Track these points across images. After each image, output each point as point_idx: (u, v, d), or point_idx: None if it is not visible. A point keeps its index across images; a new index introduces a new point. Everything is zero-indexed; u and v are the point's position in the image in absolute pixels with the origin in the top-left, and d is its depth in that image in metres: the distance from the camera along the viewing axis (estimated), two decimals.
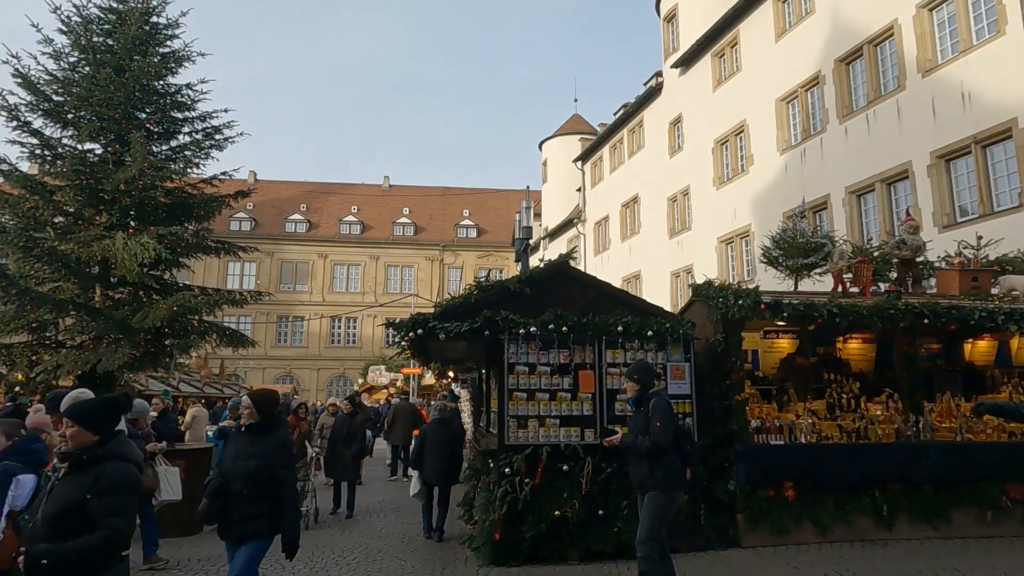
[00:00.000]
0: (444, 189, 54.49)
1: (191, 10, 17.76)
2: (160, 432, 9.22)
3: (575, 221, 34.49)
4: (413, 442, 17.46)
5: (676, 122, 25.42)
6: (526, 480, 6.81)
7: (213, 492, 4.22)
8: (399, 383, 30.58)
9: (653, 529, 5.13)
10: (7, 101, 14.48)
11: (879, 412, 7.85)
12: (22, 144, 14.94)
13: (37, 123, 14.97)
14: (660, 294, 24.14)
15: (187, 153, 16.16)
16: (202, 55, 16.57)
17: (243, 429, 4.44)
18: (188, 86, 16.27)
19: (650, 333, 7.21)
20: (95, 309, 14.21)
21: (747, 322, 7.80)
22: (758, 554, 6.93)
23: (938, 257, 9.87)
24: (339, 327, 47.86)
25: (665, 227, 25.85)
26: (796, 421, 7.60)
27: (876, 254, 9.65)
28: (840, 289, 8.44)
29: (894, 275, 9.22)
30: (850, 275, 8.60)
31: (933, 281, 9.49)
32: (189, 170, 16.20)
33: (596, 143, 33.03)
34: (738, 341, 7.76)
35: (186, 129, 16.53)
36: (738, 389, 7.50)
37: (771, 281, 10.14)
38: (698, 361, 7.53)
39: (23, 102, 14.72)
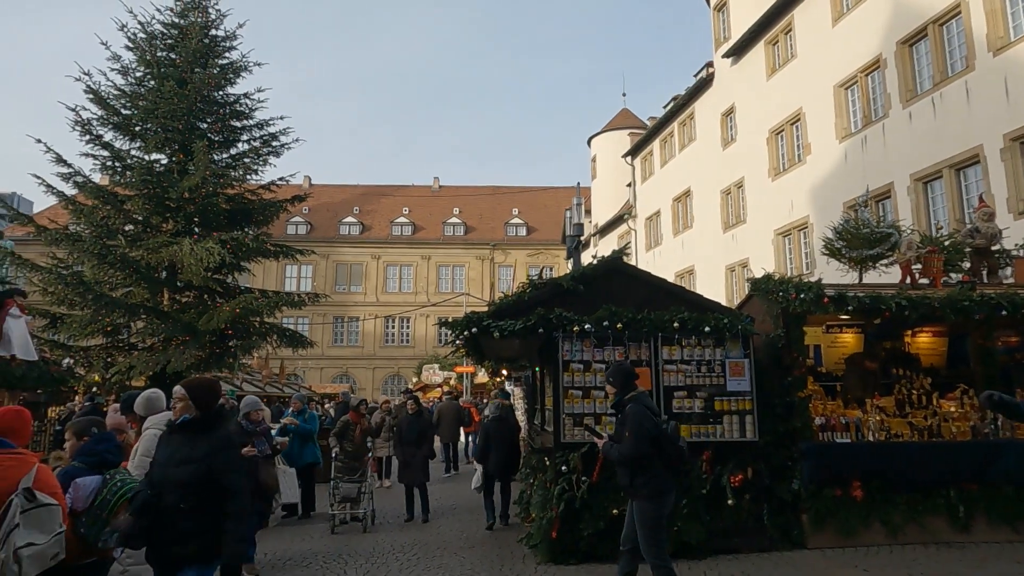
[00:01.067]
0: (493, 188, 54.71)
1: (247, 21, 18.35)
2: None
3: (625, 217, 34.12)
4: (469, 440, 17.94)
5: (728, 113, 24.85)
6: (583, 478, 6.77)
7: (139, 508, 3.45)
8: (452, 381, 30.89)
9: (651, 538, 4.98)
10: (81, 116, 15.29)
11: (953, 409, 7.50)
12: (95, 157, 15.75)
13: (108, 136, 15.78)
14: (715, 289, 23.63)
15: (246, 160, 16.74)
16: (258, 65, 17.14)
17: (177, 426, 3.73)
18: (246, 95, 16.84)
19: (707, 329, 7.07)
20: (164, 312, 14.86)
21: (809, 316, 7.55)
22: (825, 556, 6.72)
23: (1016, 245, 9.35)
24: (393, 327, 48.65)
25: (719, 220, 25.31)
26: (863, 418, 7.33)
27: (947, 243, 9.21)
28: (909, 281, 8.09)
29: (967, 265, 8.78)
30: (919, 266, 8.24)
31: (1010, 271, 9.00)
32: (248, 176, 16.78)
33: (646, 137, 32.59)
34: (800, 336, 7.52)
35: (244, 137, 17.11)
36: (800, 385, 7.28)
37: (833, 274, 9.79)
38: (758, 357, 7.34)
39: (95, 117, 15.51)
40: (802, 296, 7.13)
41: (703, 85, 26.58)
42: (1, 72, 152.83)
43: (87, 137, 15.44)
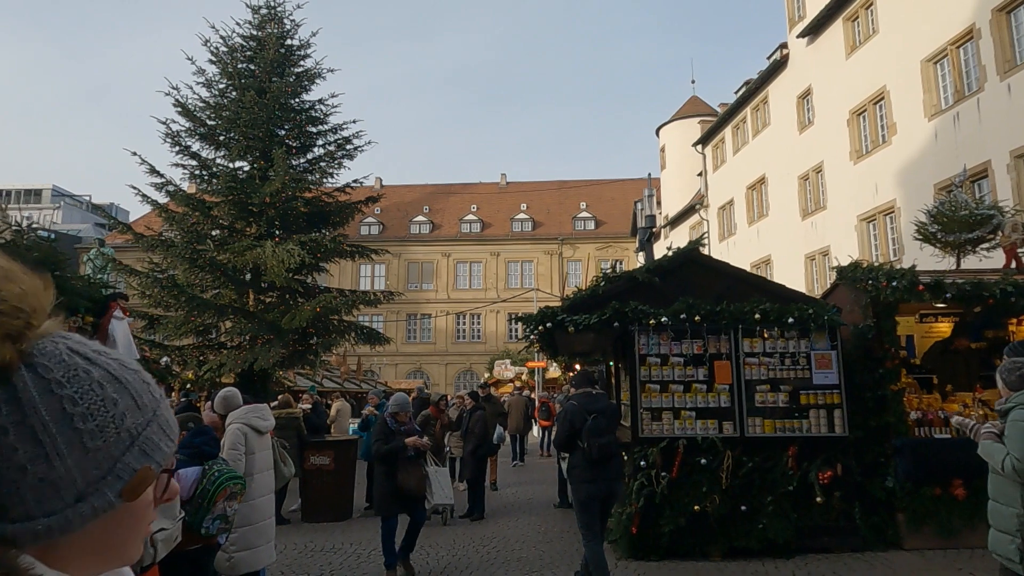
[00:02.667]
0: (560, 183, 54.47)
1: (320, 30, 18.96)
2: (313, 425, 9.92)
3: (697, 207, 33.30)
4: (546, 433, 18.07)
5: (805, 95, 23.82)
6: (662, 473, 6.68)
7: None
8: (524, 376, 31.03)
9: (577, 517, 5.69)
10: (171, 129, 16.20)
11: None
12: (184, 166, 16.66)
13: (195, 146, 16.65)
14: (793, 279, 22.73)
15: (322, 164, 17.31)
16: (331, 71, 17.66)
17: None
18: (320, 101, 17.40)
19: (791, 320, 6.82)
20: (249, 312, 15.57)
21: (901, 305, 7.17)
22: (924, 557, 6.37)
23: None
24: (464, 323, 49.25)
25: (796, 208, 24.33)
26: (964, 412, 6.90)
27: None
28: (1014, 265, 7.54)
29: None
30: None
31: None
32: (324, 180, 17.35)
33: (717, 124, 31.68)
34: (891, 326, 7.15)
35: (320, 142, 17.69)
36: (893, 378, 6.93)
37: (926, 259, 9.25)
38: (846, 348, 7.04)
39: (183, 128, 16.40)
40: (894, 284, 6.77)
41: (777, 68, 25.59)
42: (101, 92, 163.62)
43: (177, 148, 16.36)
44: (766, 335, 6.95)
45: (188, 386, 15.31)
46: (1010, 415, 3.45)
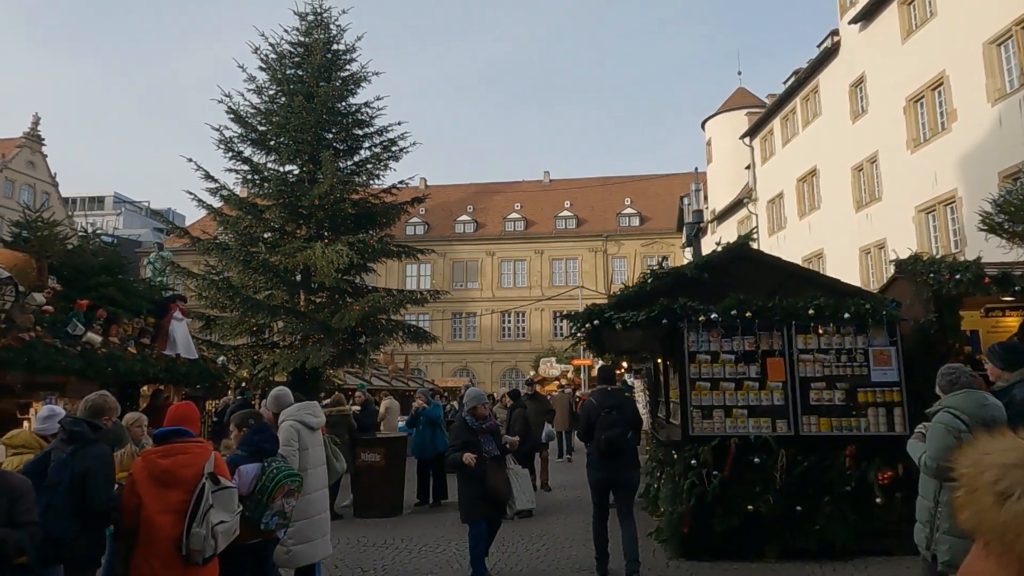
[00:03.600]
0: (604, 179, 54.11)
1: (364, 34, 19.29)
2: (362, 423, 10.11)
3: (745, 201, 32.60)
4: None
5: (858, 83, 23.06)
6: (714, 472, 6.57)
7: None
8: (570, 374, 30.95)
9: (592, 496, 6.48)
10: (224, 135, 16.72)
11: None
12: (236, 171, 17.19)
13: (247, 152, 17.15)
14: (848, 273, 22.05)
15: (368, 166, 17.62)
16: (376, 74, 17.95)
17: None
18: (366, 104, 17.71)
19: (847, 315, 6.62)
20: (301, 312, 15.97)
21: (965, 299, 6.88)
22: None
23: None
24: (509, 321, 49.41)
25: (850, 200, 23.58)
26: None
27: None
28: None
29: None
30: None
31: None
32: (371, 181, 17.65)
33: (765, 116, 30.94)
34: (955, 321, 6.86)
35: (366, 144, 18.01)
36: None
37: (992, 251, 8.85)
38: (906, 345, 6.78)
39: (235, 134, 16.91)
40: (958, 277, 6.50)
41: (828, 55, 24.85)
42: (158, 102, 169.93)
43: (230, 154, 16.89)
44: (821, 331, 6.76)
45: (243, 384, 15.80)
46: (934, 417, 3.90)
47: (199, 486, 3.47)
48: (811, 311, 6.67)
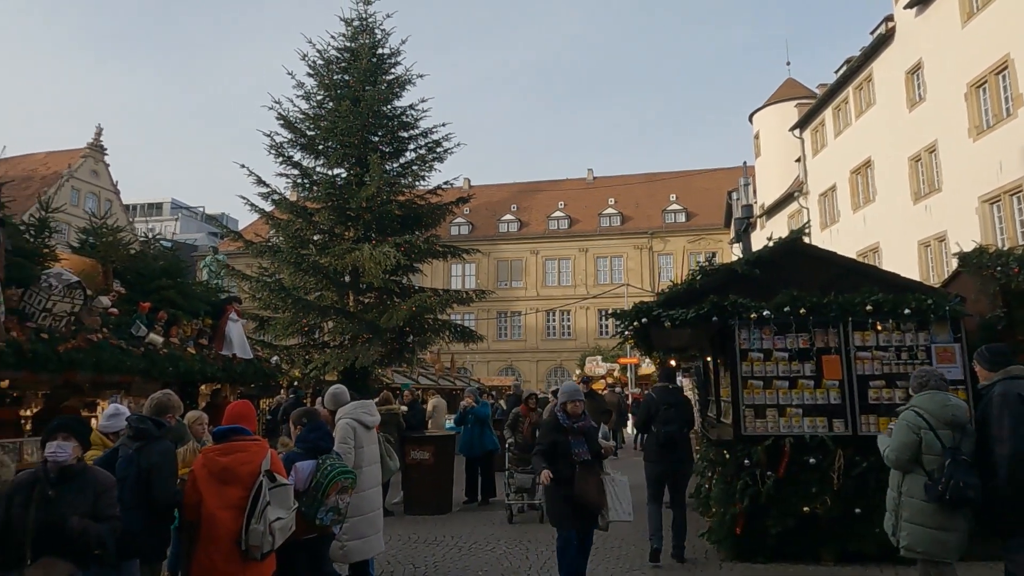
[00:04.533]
0: (648, 176, 53.46)
1: (409, 37, 19.54)
2: (410, 421, 10.23)
3: (796, 195, 31.75)
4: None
5: (914, 70, 22.19)
6: (768, 473, 6.43)
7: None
8: (616, 373, 30.69)
9: (647, 486, 6.93)
10: (274, 140, 17.17)
11: None
12: (287, 176, 17.63)
13: (297, 156, 17.56)
14: (905, 268, 21.21)
15: (414, 168, 17.84)
16: (420, 76, 18.14)
17: None
18: (411, 107, 17.94)
19: (907, 311, 6.38)
20: (350, 313, 16.28)
21: None
22: None
23: None
24: (554, 320, 49.30)
25: (907, 191, 22.72)
26: None
27: None
28: None
29: None
30: None
31: None
32: (416, 183, 17.86)
33: (816, 107, 30.07)
34: None
35: (411, 146, 18.24)
36: None
37: None
38: (971, 341, 6.49)
39: (285, 140, 17.35)
40: None
41: (882, 42, 23.98)
42: (212, 110, 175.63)
43: (280, 159, 17.33)
44: (879, 328, 6.54)
45: (295, 383, 16.20)
46: (900, 414, 4.39)
47: (256, 483, 3.58)
48: (869, 307, 6.46)
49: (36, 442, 7.29)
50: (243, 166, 16.94)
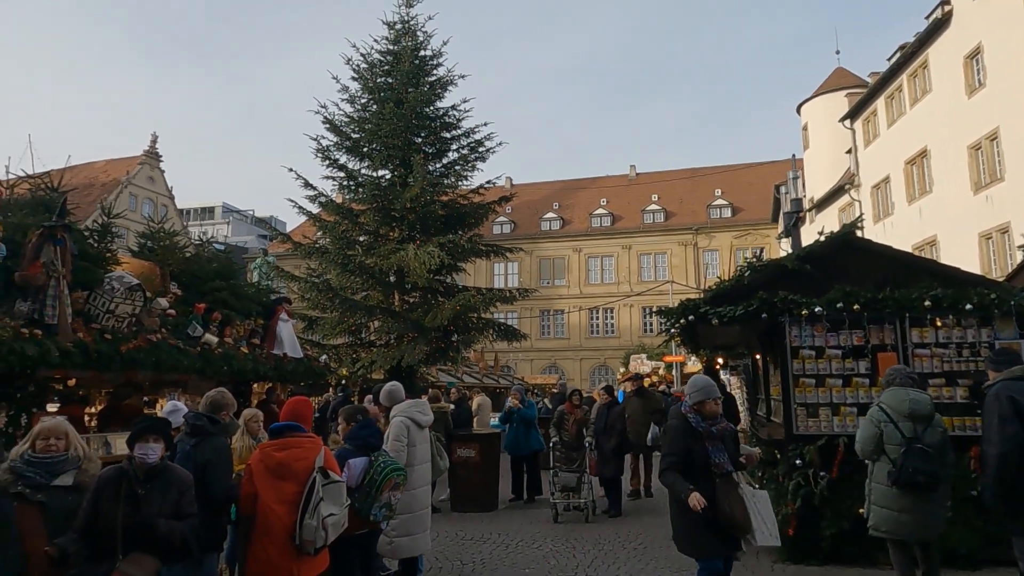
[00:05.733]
0: (692, 171, 52.61)
1: (451, 38, 19.69)
2: (456, 419, 10.31)
3: (847, 187, 30.80)
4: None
5: (973, 55, 21.27)
6: (821, 473, 6.28)
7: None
8: (661, 371, 30.33)
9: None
10: (321, 144, 17.52)
11: None
12: (333, 178, 17.98)
13: (342, 159, 17.88)
14: (966, 261, 20.35)
15: (457, 168, 17.97)
16: (462, 77, 18.25)
17: None
18: (453, 107, 18.07)
19: (969, 307, 6.14)
20: (395, 312, 16.51)
21: None
22: None
23: None
24: (597, 318, 49.01)
25: (967, 181, 21.80)
26: None
27: None
28: None
29: None
30: None
31: None
32: (459, 183, 17.98)
33: (867, 96, 29.11)
34: None
35: (454, 146, 18.38)
36: None
37: None
38: None
39: (331, 143, 17.68)
40: None
41: (938, 27, 23.07)
42: (260, 115, 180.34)
43: (327, 162, 17.68)
44: (939, 324, 6.31)
45: (343, 382, 16.49)
46: (869, 410, 4.91)
47: (311, 479, 3.67)
48: (927, 303, 6.24)
49: (101, 438, 7.63)
50: (291, 170, 17.36)
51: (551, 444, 9.37)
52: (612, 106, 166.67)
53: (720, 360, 15.02)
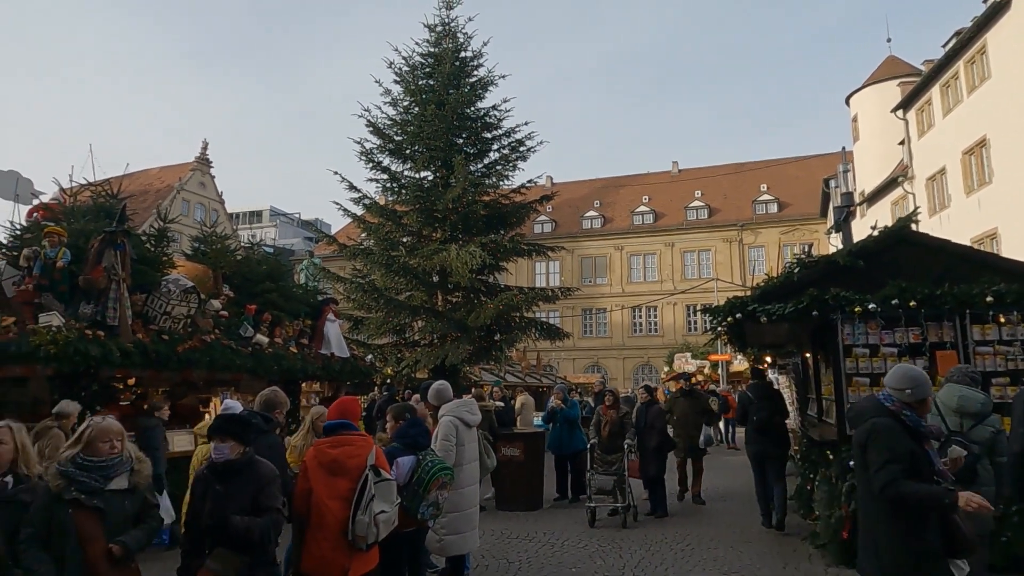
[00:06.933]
0: (737, 166, 51.62)
1: (491, 39, 19.78)
2: (501, 418, 10.36)
3: (900, 179, 29.76)
4: (730, 426, 17.42)
5: None
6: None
7: None
8: (706, 370, 29.88)
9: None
10: (364, 147, 17.80)
11: None
12: (376, 180, 18.26)
13: (385, 161, 18.14)
14: None
15: (498, 168, 18.04)
16: (502, 77, 18.30)
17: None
18: (494, 107, 18.14)
19: None
20: (438, 312, 16.67)
21: None
22: None
23: None
24: (640, 316, 48.55)
25: None
26: None
27: None
28: None
29: None
30: None
31: None
32: (500, 182, 18.04)
33: (921, 84, 28.05)
34: None
35: (495, 146, 18.45)
36: None
37: None
38: None
39: (375, 146, 17.95)
40: None
41: (997, 10, 22.08)
42: (305, 120, 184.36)
43: (370, 164, 17.96)
44: (1003, 320, 6.05)
45: (388, 381, 16.74)
46: None
47: (363, 476, 3.74)
48: (989, 298, 6.00)
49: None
50: (336, 173, 17.73)
51: (588, 445, 9.06)
52: (654, 101, 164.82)
53: (768, 359, 14.73)
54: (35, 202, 9.19)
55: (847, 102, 36.31)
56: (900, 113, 29.94)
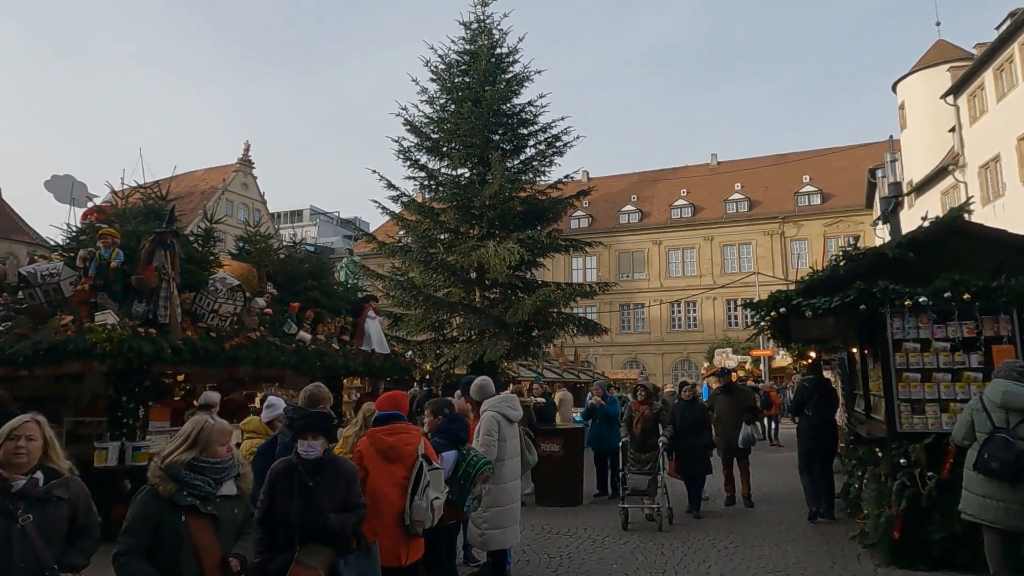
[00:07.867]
0: (778, 157, 50.50)
1: (526, 35, 19.74)
2: (542, 414, 10.38)
3: (950, 168, 28.72)
4: (772, 423, 17.10)
5: None
6: (929, 474, 5.90)
7: None
8: (748, 365, 29.38)
9: (800, 460, 8.53)
10: (402, 145, 17.99)
11: None
12: (414, 178, 18.43)
13: (423, 159, 18.29)
14: None
15: (534, 163, 18.02)
16: (538, 72, 18.27)
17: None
18: (530, 103, 18.12)
19: None
20: (476, 308, 16.75)
21: None
22: None
23: None
24: (679, 311, 47.97)
25: None
26: None
27: None
28: None
29: None
30: None
31: None
32: (537, 178, 18.02)
33: (973, 69, 27.01)
34: None
35: (531, 142, 18.42)
36: None
37: None
38: None
39: (412, 144, 18.11)
40: None
41: None
42: (344, 119, 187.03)
43: (408, 162, 18.13)
44: None
45: (427, 377, 16.88)
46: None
47: (417, 463, 3.81)
48: None
49: None
50: (374, 171, 17.89)
51: (620, 443, 8.73)
52: (692, 93, 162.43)
53: (812, 354, 14.40)
54: (89, 205, 9.53)
55: (894, 89, 35.20)
56: (950, 99, 28.89)
